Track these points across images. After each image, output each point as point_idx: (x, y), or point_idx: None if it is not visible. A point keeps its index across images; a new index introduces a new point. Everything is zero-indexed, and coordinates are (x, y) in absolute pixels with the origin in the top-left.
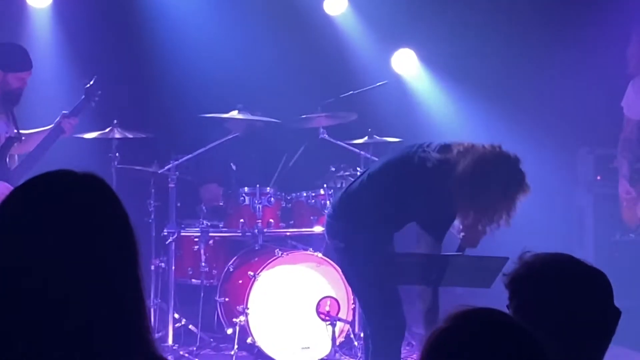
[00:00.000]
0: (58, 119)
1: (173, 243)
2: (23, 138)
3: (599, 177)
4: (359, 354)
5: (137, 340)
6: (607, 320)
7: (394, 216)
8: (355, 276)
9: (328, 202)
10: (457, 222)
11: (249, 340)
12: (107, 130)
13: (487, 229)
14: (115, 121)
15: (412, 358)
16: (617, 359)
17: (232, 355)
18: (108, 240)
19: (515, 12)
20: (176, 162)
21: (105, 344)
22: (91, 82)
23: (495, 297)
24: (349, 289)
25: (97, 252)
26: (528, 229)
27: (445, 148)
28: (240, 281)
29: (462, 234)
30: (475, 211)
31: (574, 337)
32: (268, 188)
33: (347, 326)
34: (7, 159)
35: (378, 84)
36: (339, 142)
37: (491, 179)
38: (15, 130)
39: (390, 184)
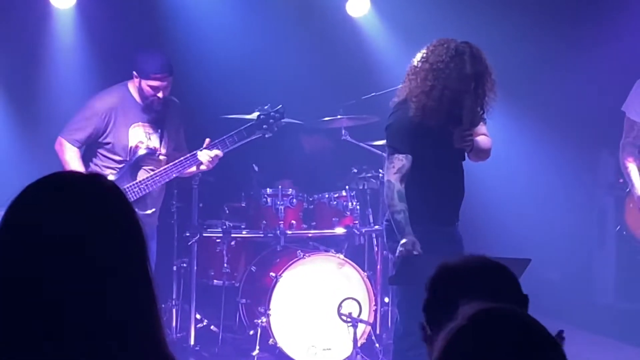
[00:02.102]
0: (203, 149)
1: (195, 244)
2: (160, 156)
3: (621, 180)
4: (380, 356)
5: (148, 340)
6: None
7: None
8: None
9: (350, 203)
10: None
11: (270, 342)
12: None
13: (482, 109)
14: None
15: None
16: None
17: (253, 356)
18: (116, 239)
19: (541, 12)
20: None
21: (116, 342)
22: (270, 111)
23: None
24: (371, 290)
25: (106, 250)
26: (550, 231)
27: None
28: (262, 282)
29: (465, 138)
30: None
31: None
32: (290, 189)
33: (369, 328)
34: (139, 172)
35: (400, 85)
36: (360, 144)
37: (452, 64)
38: (156, 147)
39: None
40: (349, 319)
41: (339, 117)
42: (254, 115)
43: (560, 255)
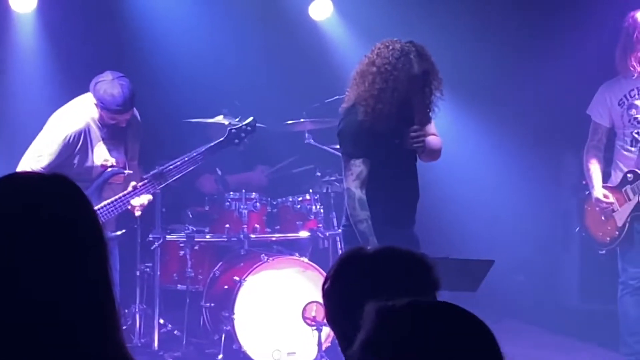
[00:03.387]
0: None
1: (158, 248)
2: (126, 173)
3: (584, 182)
4: None
5: (104, 340)
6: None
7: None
8: None
9: (314, 207)
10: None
11: (234, 346)
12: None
13: (430, 107)
14: None
15: None
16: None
17: None
18: (76, 240)
19: (502, 16)
20: (161, 168)
21: (70, 344)
22: (242, 124)
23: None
24: None
25: (64, 252)
26: (514, 233)
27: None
28: (226, 286)
29: (417, 139)
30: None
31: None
32: (253, 193)
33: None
34: (105, 192)
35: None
36: (324, 147)
37: (399, 64)
38: (120, 165)
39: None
40: (313, 323)
41: (302, 120)
42: (218, 118)
43: (525, 257)
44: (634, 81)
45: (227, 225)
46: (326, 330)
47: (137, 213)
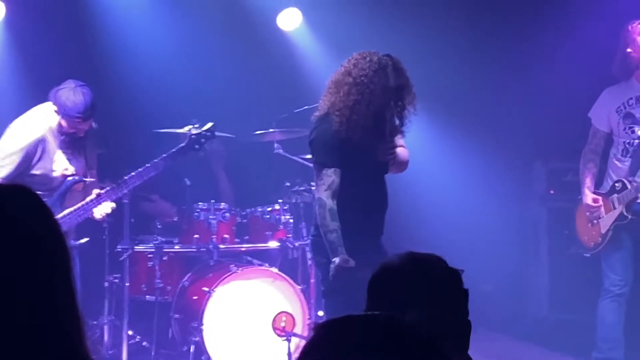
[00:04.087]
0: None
1: (127, 259)
2: (87, 181)
3: (552, 191)
4: None
5: (66, 347)
6: (458, 300)
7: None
8: (327, 291)
9: (283, 217)
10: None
11: (204, 357)
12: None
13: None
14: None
15: None
16: None
17: None
18: (39, 250)
19: (471, 28)
20: (129, 177)
21: (35, 353)
22: (202, 130)
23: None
24: (305, 304)
25: (28, 262)
26: (483, 243)
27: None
28: (195, 297)
29: (390, 151)
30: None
31: (428, 319)
32: (222, 204)
33: (303, 342)
34: (67, 201)
35: (321, 99)
36: (294, 157)
37: (375, 78)
38: (80, 173)
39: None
40: (283, 333)
41: (271, 130)
42: (186, 129)
43: (494, 267)
44: (633, 89)
45: (196, 236)
46: (295, 341)
47: (99, 217)
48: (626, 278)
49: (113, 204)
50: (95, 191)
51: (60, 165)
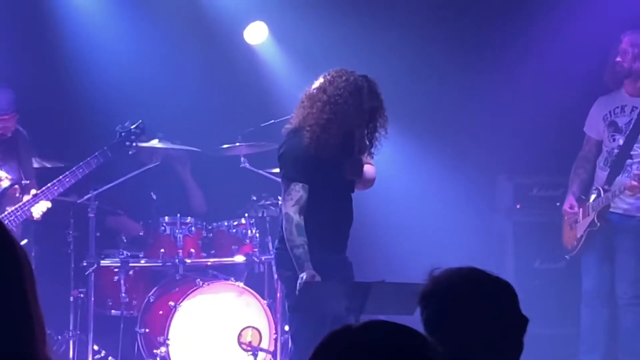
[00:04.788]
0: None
1: (92, 274)
2: (23, 183)
3: (518, 206)
4: None
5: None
6: (514, 327)
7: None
8: (292, 305)
9: (250, 231)
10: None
11: None
12: (41, 165)
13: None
14: (34, 152)
15: None
16: None
17: None
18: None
19: (438, 43)
20: (95, 192)
21: None
22: (132, 127)
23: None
24: (271, 319)
25: None
26: (449, 256)
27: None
28: (161, 312)
29: (358, 169)
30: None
31: (483, 346)
32: (188, 218)
33: (269, 356)
34: (3, 204)
35: (293, 112)
36: (260, 171)
37: (350, 98)
38: (15, 178)
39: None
40: (249, 348)
41: (237, 144)
42: (153, 142)
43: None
44: (621, 98)
45: (162, 250)
46: (262, 355)
47: (37, 216)
48: (600, 282)
49: (49, 203)
50: (32, 191)
51: None
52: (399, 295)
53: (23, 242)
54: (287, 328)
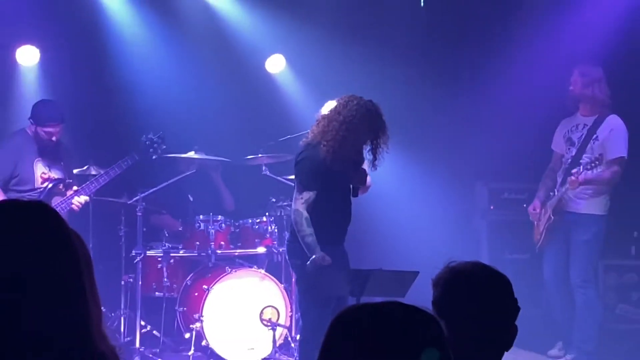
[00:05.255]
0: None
1: (140, 262)
2: (67, 181)
3: (492, 207)
4: (295, 354)
5: (78, 335)
6: (508, 311)
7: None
8: (302, 288)
9: (269, 227)
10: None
11: (203, 343)
12: (85, 167)
13: (378, 157)
14: (91, 160)
15: None
16: None
17: (189, 356)
18: (56, 262)
19: (424, 70)
20: (142, 195)
21: (48, 335)
22: (155, 137)
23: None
24: (287, 299)
25: (48, 271)
26: (433, 249)
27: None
28: (196, 293)
29: (364, 179)
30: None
31: (482, 325)
32: (219, 216)
33: (286, 331)
34: (52, 197)
35: (311, 128)
36: (278, 178)
37: (360, 120)
38: (59, 177)
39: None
40: (269, 324)
41: (259, 155)
42: (190, 154)
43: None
44: (577, 119)
45: (197, 243)
46: (279, 330)
47: (75, 206)
48: (557, 270)
49: (87, 197)
50: (74, 187)
51: (39, 170)
52: (392, 280)
53: None
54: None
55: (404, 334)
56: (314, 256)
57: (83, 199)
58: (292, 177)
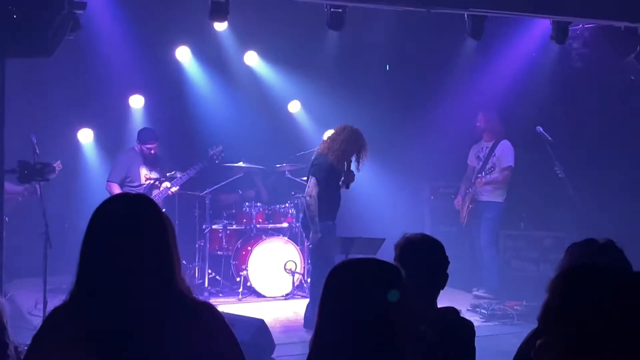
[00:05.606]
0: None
1: (208, 232)
2: (162, 183)
3: (432, 197)
4: (307, 291)
5: (172, 285)
6: (443, 265)
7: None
8: (312, 248)
9: (290, 210)
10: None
11: (248, 284)
12: (173, 172)
13: (361, 164)
14: (176, 167)
15: None
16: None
17: (239, 292)
18: (155, 231)
19: (388, 105)
20: (209, 190)
21: (151, 286)
22: (217, 150)
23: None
24: (302, 256)
25: (150, 236)
26: (394, 224)
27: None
28: (244, 252)
29: (353, 178)
30: (351, 154)
31: (425, 273)
32: (258, 203)
33: (300, 276)
34: (153, 190)
35: (321, 144)
36: (296, 179)
37: (352, 139)
38: (157, 178)
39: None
40: (290, 271)
41: (284, 164)
42: (240, 163)
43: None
44: (482, 143)
45: (244, 220)
46: (297, 276)
47: (170, 193)
48: (475, 239)
49: (176, 188)
50: (166, 183)
51: (144, 173)
52: (368, 244)
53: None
54: (309, 262)
55: (377, 277)
56: (316, 233)
57: (174, 189)
58: (305, 178)
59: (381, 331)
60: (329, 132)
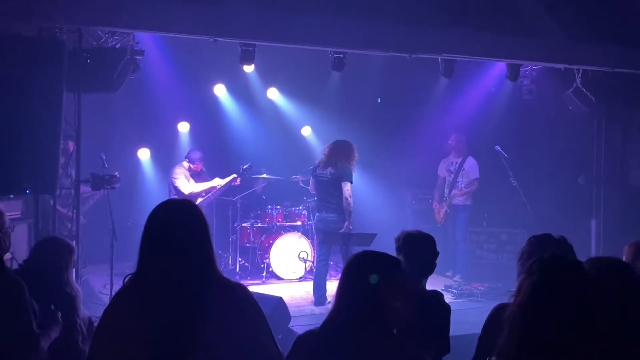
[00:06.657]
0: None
1: (238, 228)
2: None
3: (414, 201)
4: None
5: (211, 271)
6: (434, 257)
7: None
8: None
9: (304, 211)
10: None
11: (270, 269)
12: (212, 180)
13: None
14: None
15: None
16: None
17: (263, 276)
18: (195, 229)
19: (375, 127)
20: (239, 196)
21: (196, 271)
22: (246, 167)
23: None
24: (312, 247)
25: (192, 233)
26: (382, 223)
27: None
28: (267, 244)
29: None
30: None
31: (419, 260)
32: (278, 205)
33: (311, 263)
34: (197, 198)
35: (325, 155)
36: (307, 187)
37: (348, 149)
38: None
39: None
40: (302, 259)
41: (298, 176)
42: (263, 175)
43: (385, 240)
44: (451, 158)
45: (267, 219)
46: (308, 263)
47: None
48: (451, 233)
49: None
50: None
51: (191, 184)
52: (363, 238)
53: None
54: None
55: (381, 262)
56: (348, 224)
57: (213, 197)
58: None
59: (379, 304)
60: (333, 144)
